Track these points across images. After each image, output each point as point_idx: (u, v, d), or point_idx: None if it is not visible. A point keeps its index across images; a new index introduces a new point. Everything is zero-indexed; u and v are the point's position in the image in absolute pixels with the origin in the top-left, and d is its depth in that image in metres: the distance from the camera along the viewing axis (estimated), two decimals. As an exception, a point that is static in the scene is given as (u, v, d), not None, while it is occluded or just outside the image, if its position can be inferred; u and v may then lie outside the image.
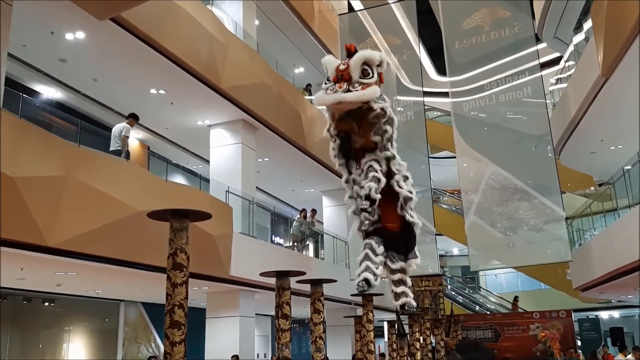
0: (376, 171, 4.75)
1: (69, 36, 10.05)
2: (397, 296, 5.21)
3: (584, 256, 13.44)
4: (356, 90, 4.39)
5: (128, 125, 10.63)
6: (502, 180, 13.64)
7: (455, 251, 28.02)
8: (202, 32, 11.23)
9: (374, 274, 4.69)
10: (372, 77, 4.54)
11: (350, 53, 4.66)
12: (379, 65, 4.67)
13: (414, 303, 5.26)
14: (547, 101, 14.63)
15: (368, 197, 4.59)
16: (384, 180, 4.78)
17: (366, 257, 4.78)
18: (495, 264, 15.72)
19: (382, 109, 4.62)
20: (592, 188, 17.98)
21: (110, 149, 10.28)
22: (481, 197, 13.87)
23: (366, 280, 4.59)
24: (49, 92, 12.20)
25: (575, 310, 16.69)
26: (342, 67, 4.52)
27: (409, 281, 5.35)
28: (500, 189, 13.70)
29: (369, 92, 4.42)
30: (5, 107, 7.80)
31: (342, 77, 4.46)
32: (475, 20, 14.47)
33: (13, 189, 6.99)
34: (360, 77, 4.46)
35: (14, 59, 10.50)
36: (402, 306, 5.19)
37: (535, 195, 13.21)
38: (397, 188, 5.01)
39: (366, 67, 4.53)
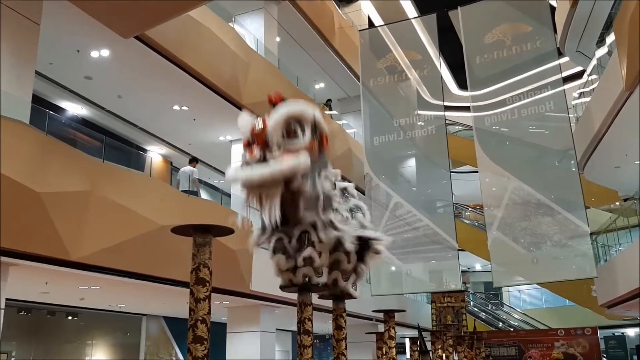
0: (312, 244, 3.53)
1: (94, 54, 10.26)
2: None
3: (609, 272, 13.19)
4: (273, 160, 3.19)
5: (195, 169, 11.32)
6: (525, 195, 13.49)
7: (478, 267, 27.69)
8: (224, 49, 11.38)
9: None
10: (302, 138, 3.30)
11: (274, 106, 3.46)
12: (316, 126, 3.44)
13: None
14: (570, 115, 14.47)
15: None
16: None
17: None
18: (518, 280, 15.52)
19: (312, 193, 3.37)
20: (617, 203, 17.68)
21: (181, 189, 10.79)
22: (504, 212, 13.72)
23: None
24: (74, 108, 12.43)
25: (601, 328, 16.37)
26: (257, 128, 3.29)
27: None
28: (523, 204, 13.54)
29: (287, 164, 3.15)
30: (32, 123, 7.96)
31: (256, 141, 3.26)
32: (496, 34, 14.43)
33: (39, 204, 7.11)
34: (283, 138, 3.26)
35: (41, 76, 10.73)
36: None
37: (558, 211, 13.04)
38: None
39: (294, 127, 3.32)
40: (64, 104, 12.23)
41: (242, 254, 10.82)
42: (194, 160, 11.71)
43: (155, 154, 14.80)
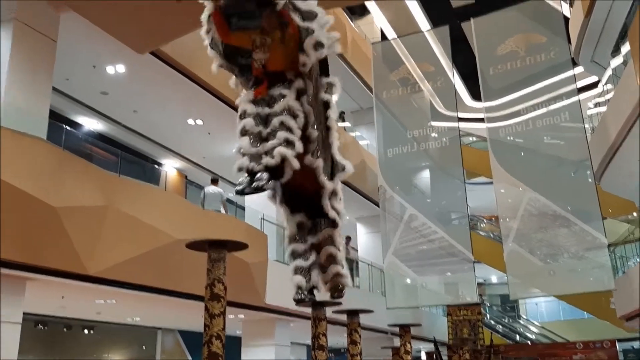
0: (289, 129, 3.08)
1: (110, 69, 10.39)
2: (330, 280, 3.74)
3: (628, 284, 13.00)
4: None
5: (221, 190, 11.34)
6: (541, 207, 13.36)
7: (494, 279, 27.43)
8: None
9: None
10: None
11: None
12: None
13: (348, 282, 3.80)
14: (586, 125, 14.35)
15: (270, 168, 3.01)
16: (298, 145, 3.08)
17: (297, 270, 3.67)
18: (535, 293, 15.32)
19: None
20: (635, 214, 17.46)
21: (211, 209, 10.79)
22: (520, 223, 13.58)
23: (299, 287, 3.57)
24: (90, 123, 12.57)
25: (620, 340, 16.10)
26: None
27: (340, 255, 3.82)
28: (539, 215, 13.40)
29: None
30: (49, 139, 8.07)
31: None
32: (509, 45, 14.37)
33: (55, 219, 7.18)
34: None
35: (58, 92, 10.88)
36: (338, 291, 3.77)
37: (575, 222, 12.88)
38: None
39: None
40: (81, 119, 12.38)
41: (257, 267, 10.83)
42: (216, 180, 11.66)
43: (170, 167, 14.90)
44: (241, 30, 3.09)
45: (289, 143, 2.98)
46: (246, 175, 3.04)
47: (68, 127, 10.59)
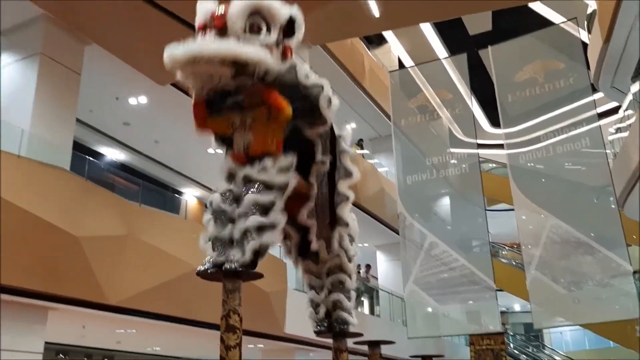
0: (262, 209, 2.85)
1: (132, 101, 10.60)
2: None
3: (655, 312, 12.67)
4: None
5: None
6: (564, 234, 13.17)
7: (517, 307, 26.95)
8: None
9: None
10: (266, 37, 2.84)
11: None
12: (288, 27, 2.98)
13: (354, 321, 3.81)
14: (607, 151, 14.19)
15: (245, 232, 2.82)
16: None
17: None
18: (560, 321, 15.02)
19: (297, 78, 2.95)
20: (661, 240, 17.12)
21: None
22: (542, 251, 13.38)
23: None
24: (113, 154, 12.78)
25: (649, 371, 15.62)
26: (219, 13, 2.82)
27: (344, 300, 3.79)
28: (561, 242, 13.20)
29: (253, 49, 2.70)
30: (72, 169, 8.21)
31: (213, 24, 2.79)
32: (528, 72, 14.36)
33: (77, 249, 7.26)
34: (244, 31, 2.78)
35: (82, 123, 11.10)
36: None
37: (599, 249, 12.66)
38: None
39: (259, 22, 2.83)
40: (103, 149, 12.59)
41: (276, 296, 10.79)
42: None
43: (190, 196, 15.03)
44: (220, 113, 2.92)
45: (261, 229, 2.73)
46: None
47: (91, 158, 10.76)
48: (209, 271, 2.77)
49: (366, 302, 17.13)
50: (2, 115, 8.34)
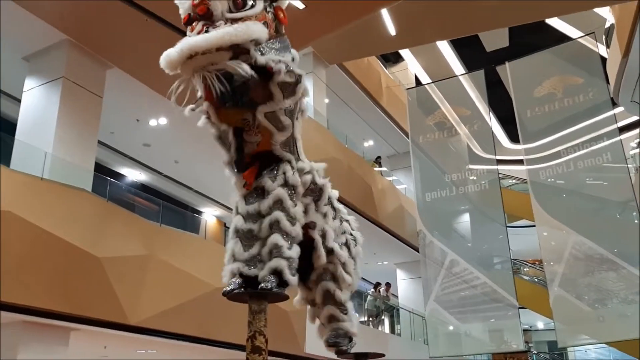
0: (286, 235, 2.80)
1: (152, 122, 10.74)
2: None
3: (684, 330, 12.37)
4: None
5: None
6: (587, 250, 12.98)
7: (541, 325, 26.50)
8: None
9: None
10: (252, 7, 2.74)
11: None
12: None
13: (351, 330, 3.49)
14: (629, 165, 14.02)
15: (275, 273, 2.73)
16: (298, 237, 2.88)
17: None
18: (584, 339, 14.72)
19: (285, 62, 2.77)
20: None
21: None
22: (565, 267, 13.19)
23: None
24: (133, 174, 12.93)
25: (677, 390, 15.19)
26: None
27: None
28: (584, 259, 13.01)
29: (240, 28, 2.61)
30: (94, 190, 8.32)
31: (196, 13, 2.68)
32: (546, 88, 14.30)
33: (99, 269, 7.33)
34: (230, 10, 2.68)
35: (103, 145, 11.27)
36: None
37: (623, 265, 12.44)
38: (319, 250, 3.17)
39: None
40: (124, 170, 12.75)
41: (296, 316, 10.75)
42: None
43: (209, 215, 15.12)
44: (233, 107, 2.88)
45: (282, 255, 2.73)
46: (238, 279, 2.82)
47: (112, 179, 10.90)
48: (234, 292, 2.74)
49: (387, 321, 16.98)
50: (26, 139, 8.51)
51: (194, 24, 2.66)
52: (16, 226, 6.69)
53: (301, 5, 7.74)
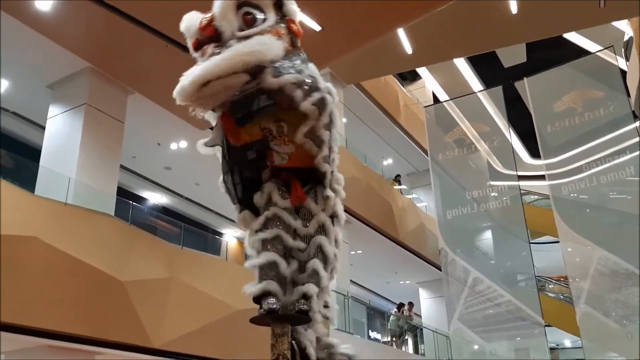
0: (325, 264, 2.67)
1: (173, 146, 10.87)
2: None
3: None
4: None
5: None
6: (612, 265, 12.75)
7: (568, 343, 25.94)
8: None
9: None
10: (264, 22, 2.55)
11: None
12: (278, 8, 2.65)
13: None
14: (654, 179, 13.80)
15: (305, 298, 2.60)
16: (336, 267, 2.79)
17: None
18: (613, 357, 14.39)
19: (301, 83, 2.48)
20: None
21: None
22: (591, 284, 12.97)
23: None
24: (155, 197, 13.06)
25: None
26: (204, 21, 2.54)
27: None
28: (610, 274, 12.77)
29: (253, 45, 2.39)
30: (116, 214, 8.42)
31: (204, 36, 2.52)
32: (566, 102, 14.21)
33: (122, 293, 7.39)
34: (241, 28, 2.50)
35: (125, 169, 11.42)
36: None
37: (650, 281, 12.20)
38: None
39: (249, 10, 2.54)
40: (146, 193, 12.89)
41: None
42: None
43: (230, 237, 15.17)
44: (249, 120, 2.63)
45: (318, 284, 2.63)
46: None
47: (134, 202, 11.03)
48: (273, 311, 2.60)
49: (410, 341, 16.78)
50: (50, 165, 8.67)
51: (204, 48, 2.49)
52: (41, 251, 6.78)
53: (318, 27, 7.82)
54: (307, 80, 2.51)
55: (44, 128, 9.47)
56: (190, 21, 2.62)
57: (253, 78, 2.43)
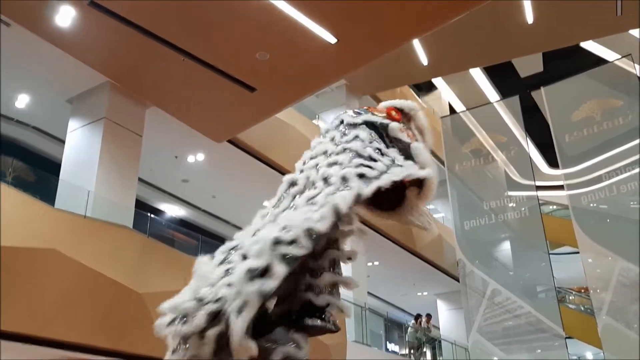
0: None
1: (190, 159, 10.95)
2: None
3: None
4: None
5: None
6: (634, 276, 12.54)
7: (589, 356, 25.50)
8: (310, 145, 11.80)
9: None
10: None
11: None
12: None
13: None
14: (675, 188, 13.59)
15: None
16: None
17: None
18: (637, 370, 14.14)
19: None
20: None
21: None
22: (613, 295, 12.77)
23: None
24: (172, 210, 13.14)
25: None
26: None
27: None
28: (632, 286, 12.56)
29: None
30: (135, 226, 8.48)
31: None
32: (584, 112, 14.09)
33: (141, 305, 7.42)
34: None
35: (143, 182, 11.52)
36: None
37: (673, 292, 11.99)
38: None
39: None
40: (164, 206, 12.97)
41: (336, 349, 10.64)
42: None
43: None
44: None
45: None
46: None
47: (152, 215, 11.11)
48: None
49: (428, 353, 16.62)
50: (70, 178, 8.78)
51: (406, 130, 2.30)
52: (60, 263, 6.85)
53: (333, 40, 7.86)
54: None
55: (63, 142, 9.61)
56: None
57: None
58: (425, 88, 20.40)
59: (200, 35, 7.80)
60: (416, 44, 12.63)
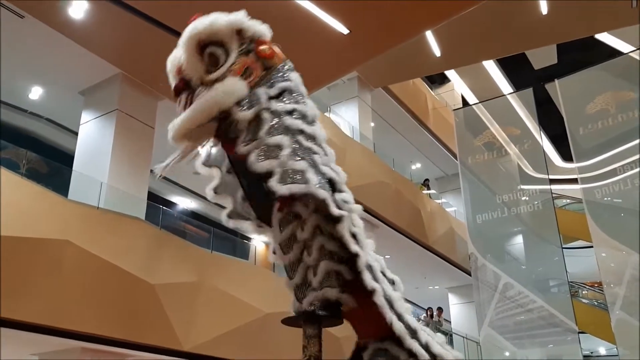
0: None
1: (202, 150, 10.94)
2: None
3: None
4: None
5: None
6: (648, 271, 12.43)
7: (603, 351, 25.35)
8: (322, 138, 11.77)
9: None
10: (227, 62, 2.31)
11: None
12: (241, 35, 2.35)
13: None
14: (691, 182, 13.42)
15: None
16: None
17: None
18: (651, 365, 14.02)
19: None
20: None
21: None
22: (626, 290, 12.64)
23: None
24: (184, 202, 13.16)
25: None
26: (179, 64, 2.45)
27: None
28: (646, 280, 12.46)
29: (204, 101, 2.27)
30: (147, 218, 8.51)
31: (179, 84, 2.41)
32: (599, 104, 13.92)
33: (153, 296, 7.45)
34: (209, 70, 2.32)
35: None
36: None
37: (688, 287, 11.86)
38: None
39: (212, 51, 2.32)
40: (176, 198, 13.00)
41: (347, 341, 10.61)
42: None
43: (258, 241, 15.20)
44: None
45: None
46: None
47: (164, 207, 11.14)
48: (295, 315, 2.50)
49: (440, 347, 16.57)
50: (83, 170, 8.82)
51: (180, 97, 2.40)
52: (73, 254, 6.89)
53: (345, 31, 7.81)
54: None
55: (76, 134, 9.65)
56: (173, 61, 2.50)
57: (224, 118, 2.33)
58: (438, 80, 20.28)
59: (212, 26, 7.77)
60: (429, 35, 12.53)
